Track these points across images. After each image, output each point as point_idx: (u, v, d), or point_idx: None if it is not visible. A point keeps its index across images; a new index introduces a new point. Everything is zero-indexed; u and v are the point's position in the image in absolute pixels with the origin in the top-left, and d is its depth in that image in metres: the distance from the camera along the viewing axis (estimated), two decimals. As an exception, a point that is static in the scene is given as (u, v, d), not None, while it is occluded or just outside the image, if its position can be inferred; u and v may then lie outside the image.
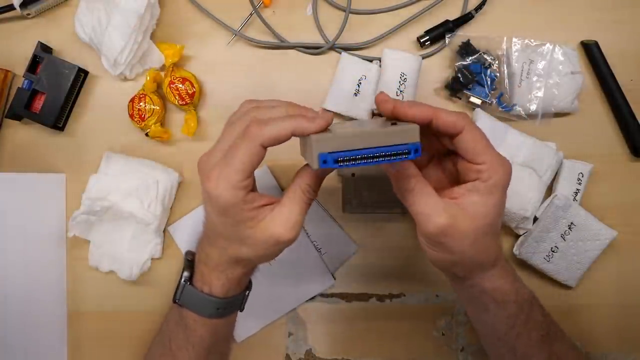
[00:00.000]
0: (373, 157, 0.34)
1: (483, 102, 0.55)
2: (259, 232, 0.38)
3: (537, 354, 0.42)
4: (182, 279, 0.44)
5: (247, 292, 0.46)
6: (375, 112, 0.55)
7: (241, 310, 0.47)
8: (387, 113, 0.37)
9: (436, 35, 0.56)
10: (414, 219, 0.37)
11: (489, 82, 0.55)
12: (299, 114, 0.37)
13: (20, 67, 0.55)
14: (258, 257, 0.40)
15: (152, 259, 0.53)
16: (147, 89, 0.54)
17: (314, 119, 0.35)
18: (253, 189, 0.39)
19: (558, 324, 0.45)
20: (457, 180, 0.40)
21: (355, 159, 0.34)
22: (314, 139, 0.33)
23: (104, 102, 0.57)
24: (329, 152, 0.33)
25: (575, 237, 0.52)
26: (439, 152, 0.42)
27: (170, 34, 0.57)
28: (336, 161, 0.33)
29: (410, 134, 0.34)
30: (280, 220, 0.38)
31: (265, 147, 0.35)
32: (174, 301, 0.44)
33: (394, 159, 0.34)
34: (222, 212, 0.37)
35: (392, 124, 0.36)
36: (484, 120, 0.53)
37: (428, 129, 0.37)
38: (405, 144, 0.34)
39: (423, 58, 0.55)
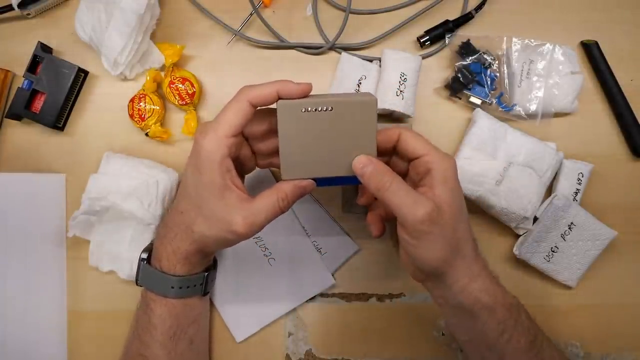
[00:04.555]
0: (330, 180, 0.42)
1: (483, 102, 0.55)
2: (220, 209, 0.39)
3: None
4: (140, 258, 0.46)
5: (206, 274, 0.46)
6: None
7: (203, 295, 0.47)
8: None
9: (436, 35, 0.56)
10: (398, 215, 0.38)
11: (489, 82, 0.55)
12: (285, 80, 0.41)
13: (20, 67, 0.55)
14: (204, 235, 0.41)
15: (152, 259, 0.53)
16: (147, 89, 0.54)
17: (298, 84, 0.39)
18: (237, 168, 0.41)
19: (543, 331, 0.44)
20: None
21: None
22: (282, 166, 0.40)
23: (104, 102, 0.57)
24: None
25: (576, 237, 0.52)
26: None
27: (170, 34, 0.57)
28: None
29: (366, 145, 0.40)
30: (244, 212, 0.39)
31: (253, 106, 0.39)
32: (136, 283, 0.46)
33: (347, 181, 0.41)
34: (200, 165, 0.39)
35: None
36: (484, 120, 0.53)
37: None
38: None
39: (423, 58, 0.55)
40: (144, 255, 0.46)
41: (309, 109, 0.39)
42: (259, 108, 0.41)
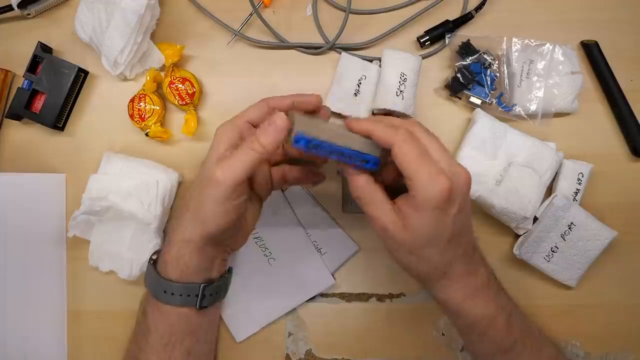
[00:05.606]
0: (338, 154, 0.39)
1: (483, 102, 0.55)
2: (208, 172, 0.40)
3: None
4: (149, 258, 0.46)
5: (202, 285, 0.44)
6: (376, 112, 0.55)
7: (197, 308, 0.44)
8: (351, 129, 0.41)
9: (436, 35, 0.56)
10: (413, 181, 0.37)
11: (489, 82, 0.55)
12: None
13: (20, 67, 0.55)
14: (196, 210, 0.41)
15: (152, 259, 0.53)
16: (147, 89, 0.54)
17: (310, 96, 0.44)
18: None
19: (541, 330, 0.46)
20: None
21: (322, 149, 0.38)
22: (296, 118, 0.38)
23: (104, 102, 0.57)
24: (305, 136, 0.37)
25: (575, 237, 0.52)
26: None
27: (170, 34, 0.57)
28: (307, 145, 0.38)
29: (373, 149, 0.39)
30: (222, 163, 0.39)
31: (270, 109, 0.43)
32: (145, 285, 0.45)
33: (355, 162, 0.39)
34: (212, 145, 0.42)
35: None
36: (484, 120, 0.53)
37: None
38: (368, 154, 0.39)
39: (423, 58, 0.55)
40: (154, 257, 0.46)
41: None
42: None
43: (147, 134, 0.54)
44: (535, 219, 0.53)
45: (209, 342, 0.50)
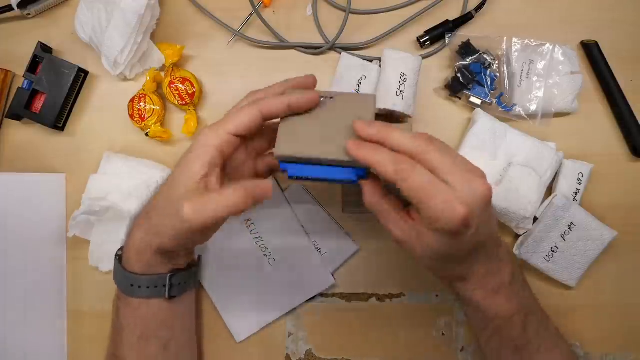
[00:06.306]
0: (323, 180, 0.40)
1: (483, 102, 0.55)
2: (180, 195, 0.38)
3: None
4: (116, 254, 0.45)
5: (169, 275, 0.43)
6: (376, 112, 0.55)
7: (167, 298, 0.44)
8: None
9: (436, 35, 0.56)
10: (427, 209, 0.35)
11: (489, 82, 0.55)
12: (293, 92, 0.41)
13: (20, 67, 0.55)
14: (159, 224, 0.40)
15: (152, 259, 0.53)
16: (147, 89, 0.54)
17: (305, 95, 0.40)
18: (226, 168, 0.42)
19: (562, 339, 0.46)
20: None
21: (308, 177, 0.40)
22: (277, 142, 0.40)
23: (104, 102, 0.57)
24: (290, 167, 0.40)
25: (575, 237, 0.52)
26: None
27: (170, 34, 0.57)
28: (292, 177, 0.40)
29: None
30: (195, 202, 0.37)
31: (263, 117, 0.40)
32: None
33: (341, 179, 0.40)
34: (189, 151, 0.40)
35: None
36: (484, 120, 0.53)
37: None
38: (354, 168, 0.39)
39: (423, 58, 0.55)
40: (120, 252, 0.45)
41: None
42: (267, 122, 0.42)
43: (147, 134, 0.54)
44: (535, 219, 0.53)
45: (186, 332, 0.49)
